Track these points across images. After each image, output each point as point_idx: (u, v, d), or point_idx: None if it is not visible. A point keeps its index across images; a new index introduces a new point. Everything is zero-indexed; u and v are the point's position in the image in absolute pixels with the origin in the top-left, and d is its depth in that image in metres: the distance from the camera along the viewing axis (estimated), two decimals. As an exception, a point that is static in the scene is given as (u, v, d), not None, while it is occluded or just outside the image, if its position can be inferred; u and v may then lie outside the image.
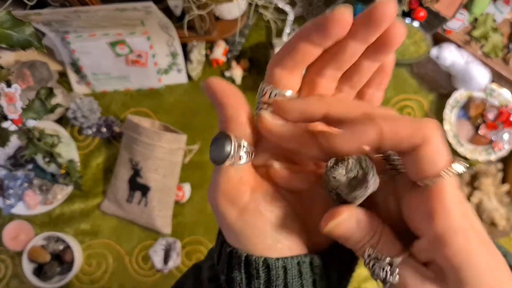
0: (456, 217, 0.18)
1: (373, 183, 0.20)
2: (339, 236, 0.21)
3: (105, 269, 0.90)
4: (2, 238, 0.88)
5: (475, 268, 0.18)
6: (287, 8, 0.92)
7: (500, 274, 0.18)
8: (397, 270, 0.20)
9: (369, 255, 0.21)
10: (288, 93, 0.22)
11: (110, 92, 0.93)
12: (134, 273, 0.90)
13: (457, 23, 0.91)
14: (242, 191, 0.22)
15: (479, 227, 0.19)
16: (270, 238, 0.22)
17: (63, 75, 0.92)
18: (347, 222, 0.21)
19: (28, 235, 0.88)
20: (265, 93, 0.22)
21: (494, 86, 0.92)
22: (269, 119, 0.22)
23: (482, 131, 0.91)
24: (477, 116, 0.92)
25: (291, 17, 0.92)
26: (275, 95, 0.22)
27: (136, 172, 0.86)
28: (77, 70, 0.90)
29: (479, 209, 0.88)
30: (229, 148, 0.21)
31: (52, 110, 0.86)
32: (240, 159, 0.22)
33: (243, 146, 0.22)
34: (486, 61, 0.90)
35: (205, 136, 0.92)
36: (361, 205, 0.21)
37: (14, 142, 0.87)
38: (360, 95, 0.24)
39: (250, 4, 0.89)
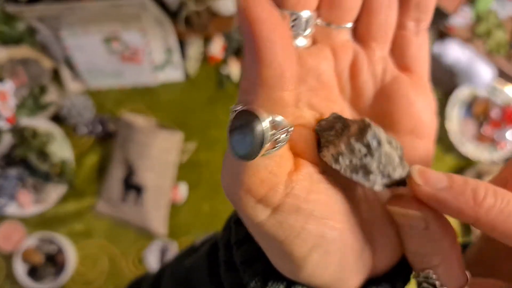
0: None
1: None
2: (402, 230, 0.17)
3: (100, 270, 0.89)
4: (-5, 239, 0.87)
5: None
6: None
7: None
8: None
9: (426, 278, 0.17)
10: (305, 14, 0.16)
11: (105, 89, 0.92)
12: (130, 274, 0.89)
13: (460, 20, 0.90)
14: (275, 183, 0.16)
15: None
16: (314, 245, 0.16)
17: (56, 73, 0.90)
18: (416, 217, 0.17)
19: (20, 236, 0.87)
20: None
21: (497, 84, 0.90)
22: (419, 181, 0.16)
23: (485, 129, 0.90)
24: (480, 114, 0.90)
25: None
26: (295, 20, 0.16)
27: (130, 171, 0.85)
28: (71, 67, 0.88)
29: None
30: (262, 135, 0.14)
31: (45, 107, 0.85)
32: (276, 144, 0.15)
33: (284, 126, 0.15)
34: (489, 58, 0.88)
35: (202, 135, 0.91)
36: None
37: (7, 140, 0.86)
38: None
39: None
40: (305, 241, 0.16)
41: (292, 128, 0.15)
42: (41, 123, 0.87)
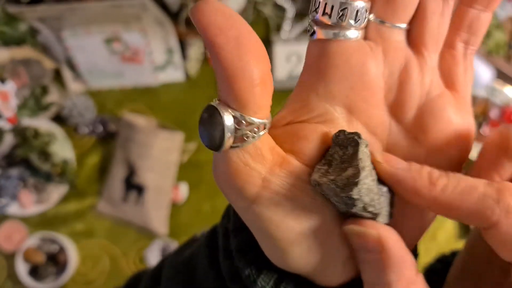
0: None
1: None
2: (354, 248, 0.17)
3: (101, 270, 0.89)
4: (-4, 238, 0.87)
5: None
6: (286, 4, 0.90)
7: None
8: None
9: None
10: (359, 4, 0.16)
11: (106, 90, 0.92)
12: (131, 274, 0.89)
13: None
14: (251, 176, 0.16)
15: None
16: (296, 240, 0.17)
17: (58, 73, 0.91)
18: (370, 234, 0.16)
19: (22, 236, 0.87)
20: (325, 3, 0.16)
21: (496, 85, 0.90)
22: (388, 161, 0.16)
23: (484, 130, 0.90)
24: (480, 115, 0.91)
25: (289, 13, 0.90)
26: (343, 10, 0.16)
27: (131, 171, 0.85)
28: (72, 67, 0.89)
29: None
30: (221, 130, 0.15)
31: (46, 108, 0.85)
32: (245, 139, 0.15)
33: (250, 123, 0.15)
34: (488, 58, 0.88)
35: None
36: None
37: (9, 140, 0.86)
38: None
39: (248, 1, 0.88)
40: (285, 234, 0.16)
41: (267, 124, 0.16)
42: (42, 123, 0.87)
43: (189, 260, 0.25)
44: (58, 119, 0.90)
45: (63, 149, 0.88)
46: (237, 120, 0.15)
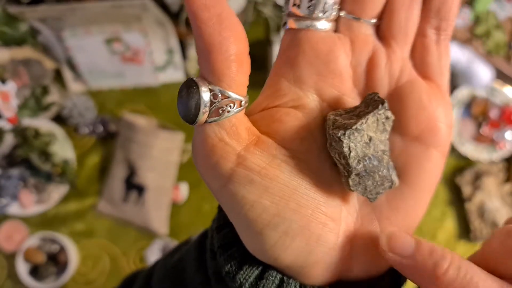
0: None
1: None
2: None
3: (101, 270, 0.89)
4: (-3, 238, 0.87)
5: None
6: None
7: None
8: None
9: None
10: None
11: (106, 90, 0.92)
12: (131, 274, 0.89)
13: (459, 21, 0.90)
14: (226, 151, 0.16)
15: None
16: (271, 222, 0.17)
17: (58, 73, 0.91)
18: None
19: (22, 235, 0.87)
20: None
21: (496, 85, 0.90)
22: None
23: (484, 130, 0.90)
24: (479, 115, 0.91)
25: (290, 14, 0.91)
26: (311, 1, 0.17)
27: (132, 171, 0.85)
28: (73, 67, 0.89)
29: (480, 209, 0.86)
30: (197, 101, 0.15)
31: (47, 108, 0.85)
32: (220, 112, 0.16)
33: (226, 96, 0.16)
34: (488, 58, 0.88)
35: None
36: None
37: (9, 140, 0.86)
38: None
39: (248, 1, 0.88)
40: (260, 215, 0.16)
41: (244, 102, 0.16)
42: (43, 124, 0.87)
43: (178, 262, 0.25)
44: (59, 119, 0.90)
45: (63, 149, 0.88)
46: (213, 93, 0.16)
